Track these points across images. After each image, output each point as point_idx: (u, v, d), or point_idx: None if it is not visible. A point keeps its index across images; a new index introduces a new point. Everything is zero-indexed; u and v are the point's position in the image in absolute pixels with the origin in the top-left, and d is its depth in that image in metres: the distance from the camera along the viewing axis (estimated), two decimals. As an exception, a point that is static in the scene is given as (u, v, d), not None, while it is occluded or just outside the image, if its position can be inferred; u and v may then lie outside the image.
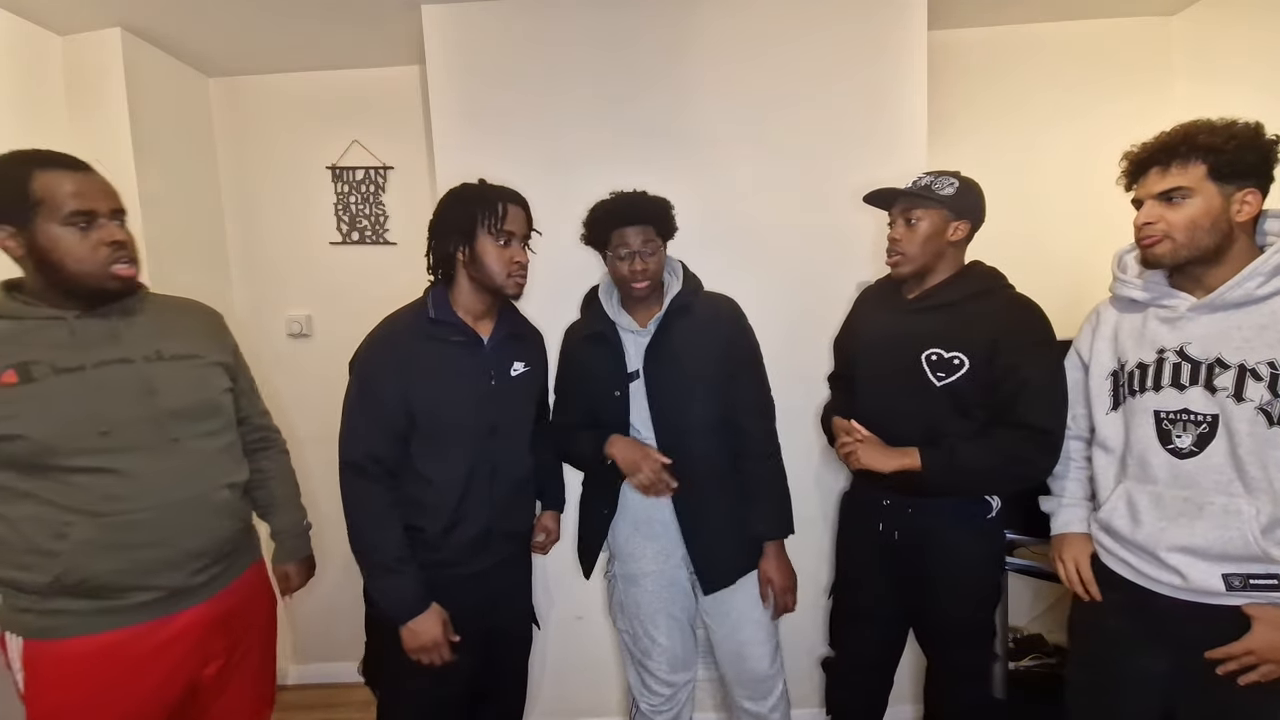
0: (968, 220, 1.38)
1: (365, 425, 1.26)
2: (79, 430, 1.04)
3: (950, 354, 1.33)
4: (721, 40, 1.81)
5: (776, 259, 1.85)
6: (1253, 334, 1.03)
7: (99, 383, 1.07)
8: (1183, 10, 2.06)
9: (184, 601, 1.15)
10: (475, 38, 1.82)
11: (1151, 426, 1.11)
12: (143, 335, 1.14)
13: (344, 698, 2.26)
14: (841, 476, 1.85)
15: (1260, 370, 1.01)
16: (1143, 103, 2.10)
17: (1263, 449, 1.01)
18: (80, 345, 1.07)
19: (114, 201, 1.10)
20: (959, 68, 2.10)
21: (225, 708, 1.27)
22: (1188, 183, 1.07)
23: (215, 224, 2.23)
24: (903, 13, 1.77)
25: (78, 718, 1.08)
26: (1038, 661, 2.12)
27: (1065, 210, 2.13)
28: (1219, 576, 1.04)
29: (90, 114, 1.87)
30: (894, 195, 1.42)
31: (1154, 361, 1.12)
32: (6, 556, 1.05)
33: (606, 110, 1.83)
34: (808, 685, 1.96)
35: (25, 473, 1.03)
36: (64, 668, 1.07)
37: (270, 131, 2.24)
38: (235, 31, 1.93)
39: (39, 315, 1.06)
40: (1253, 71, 1.85)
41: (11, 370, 1.01)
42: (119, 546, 1.06)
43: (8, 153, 1.06)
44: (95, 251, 1.05)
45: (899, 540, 1.45)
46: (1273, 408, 0.99)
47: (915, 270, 1.40)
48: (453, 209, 1.32)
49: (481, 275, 1.31)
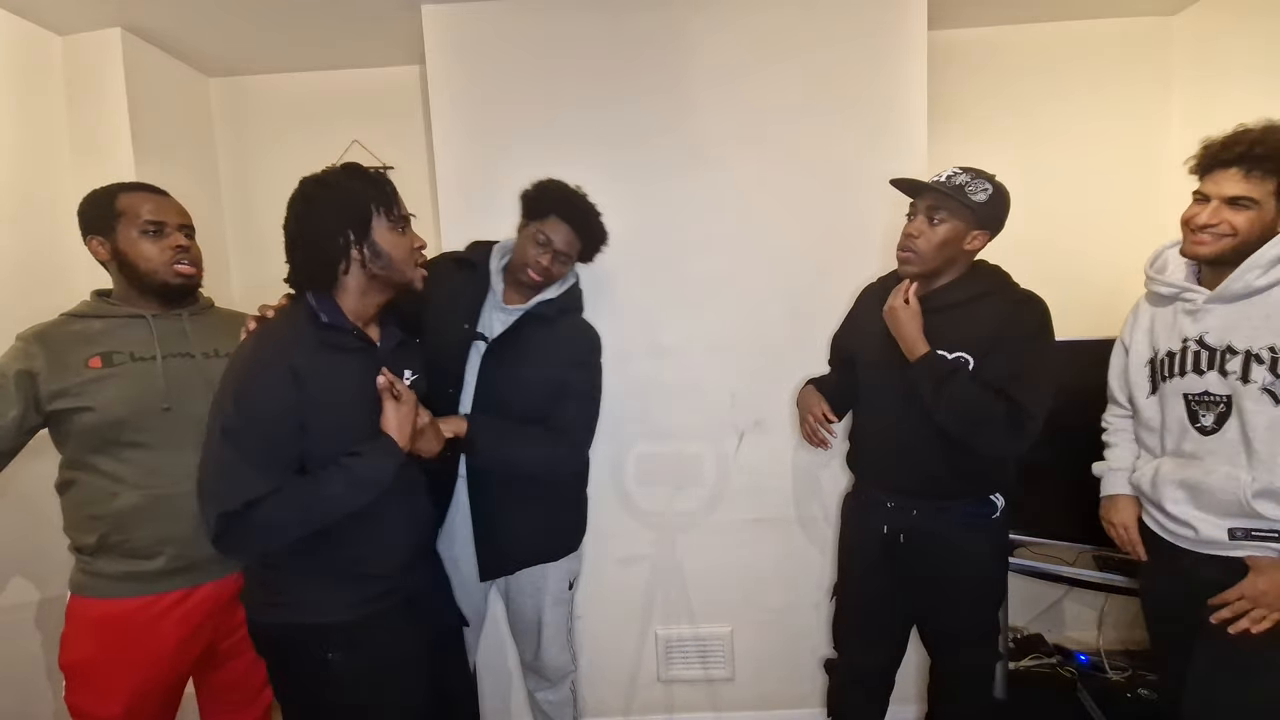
0: (988, 232, 1.34)
1: (250, 467, 1.01)
2: (144, 408, 1.24)
3: (954, 355, 1.33)
4: (722, 40, 1.81)
5: (777, 259, 1.85)
6: (1260, 322, 1.14)
7: (166, 370, 1.28)
8: (1183, 10, 2.07)
9: (205, 575, 1.31)
10: (475, 38, 1.82)
11: (1183, 407, 1.24)
12: (205, 336, 1.37)
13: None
14: (844, 477, 1.85)
15: (1263, 355, 1.13)
16: (1143, 102, 2.11)
17: (1268, 426, 1.12)
18: (155, 339, 1.29)
19: (183, 218, 1.35)
20: (959, 68, 2.11)
21: (236, 672, 1.41)
22: (1259, 195, 1.14)
23: (215, 224, 2.23)
24: (903, 13, 1.77)
25: (99, 670, 1.25)
26: (1038, 661, 2.12)
27: (1065, 210, 2.13)
28: (1225, 530, 1.18)
29: (90, 114, 1.87)
30: (924, 187, 1.34)
31: (1180, 350, 1.25)
32: (71, 518, 1.28)
33: (606, 109, 1.83)
34: (809, 685, 1.96)
35: (90, 445, 1.24)
36: (93, 625, 1.25)
37: (270, 131, 2.24)
38: (235, 31, 1.93)
39: (122, 314, 1.30)
40: (1253, 71, 1.85)
41: (98, 357, 1.24)
42: (156, 516, 1.25)
43: (101, 186, 1.31)
44: (162, 254, 1.29)
45: (904, 542, 1.44)
46: (1276, 388, 1.11)
47: (923, 273, 1.36)
48: (332, 201, 1.11)
49: (387, 270, 1.13)
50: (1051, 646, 2.17)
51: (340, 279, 1.13)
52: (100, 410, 1.21)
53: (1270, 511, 1.13)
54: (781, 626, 1.96)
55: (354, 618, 1.14)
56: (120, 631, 1.24)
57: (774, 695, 1.99)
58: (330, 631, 1.12)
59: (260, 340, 1.11)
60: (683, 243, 1.84)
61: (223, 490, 1.01)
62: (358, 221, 1.11)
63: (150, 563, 1.25)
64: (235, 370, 1.07)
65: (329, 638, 1.12)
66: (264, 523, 1.01)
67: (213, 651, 1.37)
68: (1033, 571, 1.98)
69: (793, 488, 1.90)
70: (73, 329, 1.26)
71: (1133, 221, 2.09)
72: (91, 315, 1.29)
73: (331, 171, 1.15)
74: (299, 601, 1.13)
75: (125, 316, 1.30)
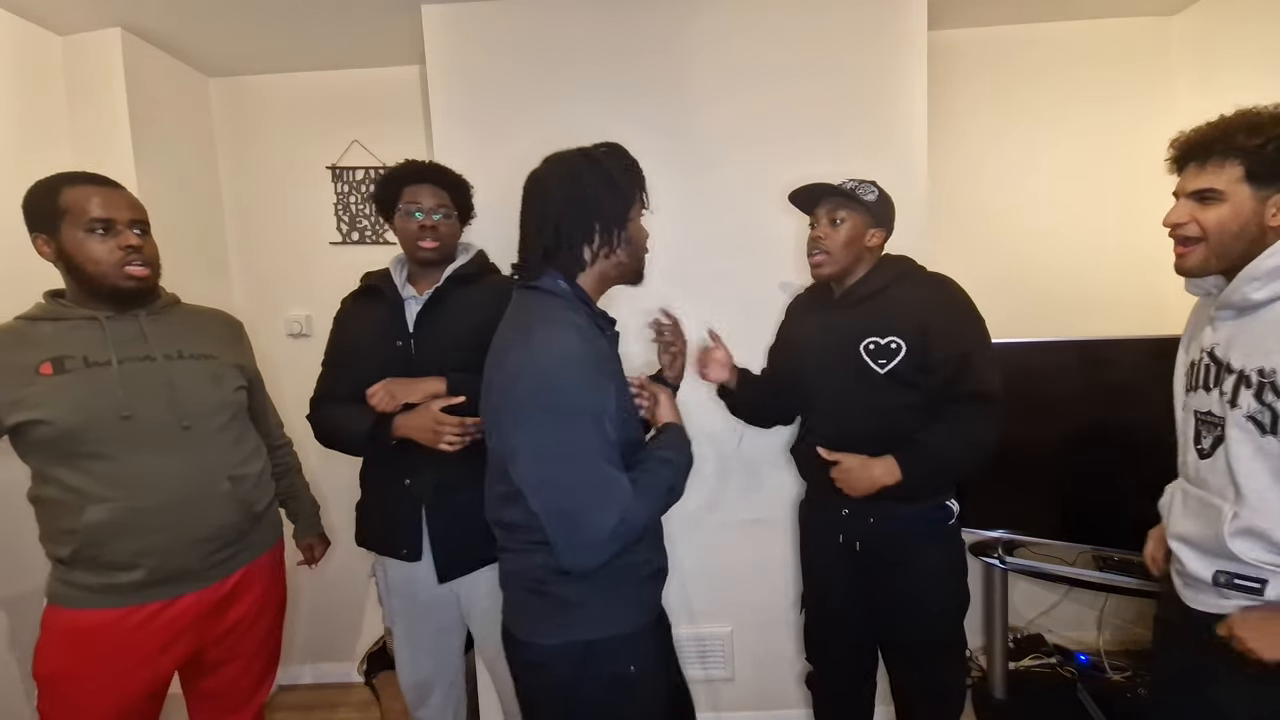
0: (884, 229, 1.44)
1: (611, 467, 0.95)
2: (101, 417, 1.15)
3: (886, 339, 1.37)
4: (722, 39, 1.80)
5: (777, 260, 1.84)
6: (1253, 341, 0.99)
7: (123, 376, 1.19)
8: (1183, 10, 2.06)
9: (186, 585, 1.24)
10: (475, 38, 1.82)
11: (1193, 427, 1.10)
12: (167, 336, 1.27)
13: (344, 698, 2.26)
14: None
15: (1251, 378, 0.98)
16: (1143, 102, 2.10)
17: (1254, 457, 0.98)
18: (110, 342, 1.20)
19: (135, 213, 1.23)
20: (959, 68, 2.11)
21: (224, 679, 1.37)
22: (1221, 184, 1.01)
23: (215, 224, 2.23)
24: (903, 13, 1.77)
25: (72, 685, 1.18)
26: (1038, 661, 2.12)
27: (1066, 210, 2.14)
28: (1211, 571, 1.03)
29: (90, 114, 1.87)
30: (823, 191, 1.43)
31: (1198, 359, 1.10)
32: (46, 530, 1.20)
33: (606, 110, 1.83)
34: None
35: (51, 457, 1.16)
36: (69, 637, 1.18)
37: (270, 131, 2.24)
38: (235, 31, 1.93)
39: (75, 316, 1.19)
40: (1253, 71, 1.85)
41: (48, 363, 1.15)
42: (127, 530, 1.17)
43: (45, 177, 1.20)
44: (111, 254, 1.18)
45: (861, 550, 1.44)
46: (1262, 416, 0.97)
47: (837, 271, 1.43)
48: (609, 183, 1.05)
49: (631, 259, 1.10)
50: (1051, 646, 2.17)
51: (588, 263, 1.07)
52: (55, 422, 1.12)
53: (1247, 553, 0.99)
54: (782, 626, 1.95)
55: (650, 621, 1.10)
56: (97, 645, 1.17)
57: (774, 695, 1.99)
58: (631, 641, 1.06)
59: (550, 330, 0.97)
60: (682, 243, 1.84)
61: (607, 500, 0.92)
62: (622, 209, 1.07)
63: (127, 574, 1.18)
64: (537, 371, 0.94)
65: (631, 648, 1.05)
66: (633, 524, 0.94)
67: (199, 660, 1.31)
68: (1033, 571, 1.99)
69: (793, 488, 1.90)
70: (22, 333, 1.17)
71: (1133, 221, 2.09)
72: (43, 318, 1.19)
73: (601, 153, 1.10)
74: (600, 617, 1.03)
75: (77, 319, 1.19)
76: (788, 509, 1.91)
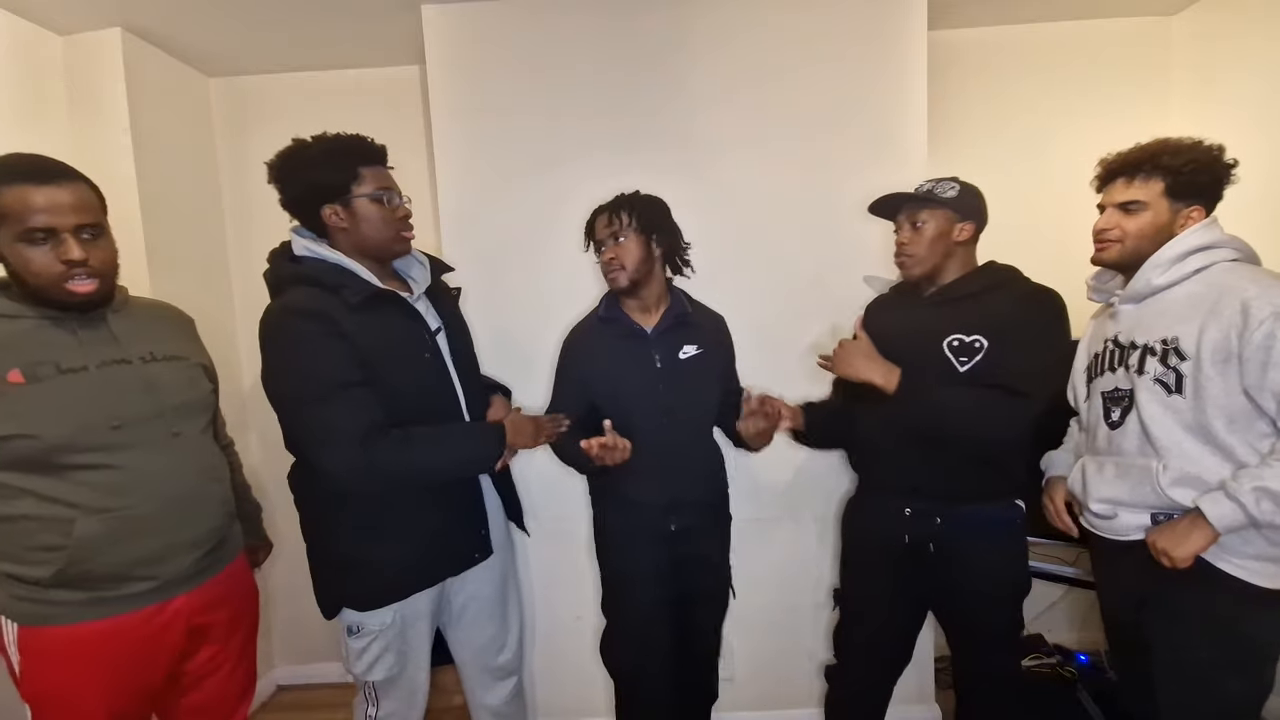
0: (972, 221, 1.41)
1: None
2: (91, 427, 1.08)
3: (971, 338, 1.36)
4: (722, 40, 1.81)
5: (777, 260, 1.85)
6: (1154, 319, 1.21)
7: (105, 382, 1.12)
8: (1183, 10, 2.07)
9: (176, 590, 1.20)
10: (475, 38, 1.82)
11: (1101, 405, 1.30)
12: (135, 337, 1.19)
13: (338, 699, 2.26)
14: (845, 476, 1.85)
15: (1155, 348, 1.19)
16: (1142, 103, 2.11)
17: (1164, 415, 1.17)
18: (82, 346, 1.11)
19: (83, 215, 1.08)
20: (959, 68, 2.11)
21: (209, 692, 1.32)
22: (1145, 197, 1.22)
23: (215, 224, 2.23)
24: (903, 13, 1.77)
25: (69, 698, 1.13)
26: (1038, 661, 2.12)
27: (1066, 210, 2.13)
28: (1147, 517, 1.21)
29: (90, 114, 1.87)
30: (899, 201, 1.44)
31: (1101, 350, 1.32)
32: (7, 551, 1.09)
33: (606, 111, 1.83)
34: (808, 686, 1.96)
35: (27, 471, 1.06)
36: (58, 653, 1.11)
37: (270, 131, 2.23)
38: (235, 31, 1.93)
39: (37, 315, 1.09)
40: (1253, 72, 1.85)
41: (17, 370, 1.04)
42: (123, 539, 1.11)
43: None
44: (51, 267, 1.05)
45: (932, 552, 1.43)
46: (1168, 378, 1.16)
47: (926, 271, 1.43)
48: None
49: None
50: (1051, 646, 2.17)
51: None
52: (40, 435, 1.03)
53: (1184, 498, 1.15)
54: (781, 627, 1.95)
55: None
56: (91, 654, 1.12)
57: (774, 695, 1.99)
58: None
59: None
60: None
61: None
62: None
63: (119, 587, 1.12)
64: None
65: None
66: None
67: (178, 676, 1.27)
68: (1033, 571, 1.98)
69: (793, 488, 1.90)
70: None
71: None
72: (2, 315, 1.07)
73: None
74: None
75: (40, 319, 1.08)
76: (788, 509, 1.91)
